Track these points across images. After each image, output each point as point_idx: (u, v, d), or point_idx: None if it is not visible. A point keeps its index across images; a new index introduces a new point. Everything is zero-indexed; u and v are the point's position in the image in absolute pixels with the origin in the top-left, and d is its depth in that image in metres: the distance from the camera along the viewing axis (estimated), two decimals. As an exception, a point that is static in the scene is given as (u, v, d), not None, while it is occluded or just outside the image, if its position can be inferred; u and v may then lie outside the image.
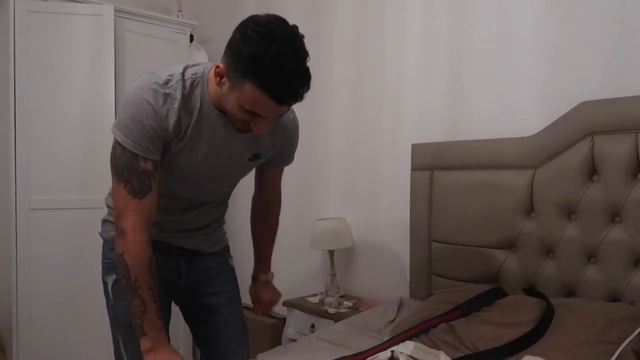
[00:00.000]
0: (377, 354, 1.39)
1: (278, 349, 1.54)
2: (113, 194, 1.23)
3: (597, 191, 1.62)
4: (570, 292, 1.68)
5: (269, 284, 1.61)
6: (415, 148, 2.14)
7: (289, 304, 2.40)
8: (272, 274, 1.63)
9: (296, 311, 2.38)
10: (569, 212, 1.69)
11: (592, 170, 1.64)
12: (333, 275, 2.40)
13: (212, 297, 1.51)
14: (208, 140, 1.25)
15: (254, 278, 1.62)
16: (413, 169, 2.14)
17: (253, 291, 1.61)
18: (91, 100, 2.55)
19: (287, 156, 1.49)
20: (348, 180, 2.54)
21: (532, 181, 1.77)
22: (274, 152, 1.42)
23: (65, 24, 2.49)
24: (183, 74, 1.21)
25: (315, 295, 2.47)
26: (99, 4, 2.60)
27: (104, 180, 2.49)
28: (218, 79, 1.15)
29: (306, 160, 2.72)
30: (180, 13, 3.16)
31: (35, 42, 2.44)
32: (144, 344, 1.19)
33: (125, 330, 1.33)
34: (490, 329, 1.43)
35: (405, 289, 2.20)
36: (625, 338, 1.28)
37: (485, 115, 2.02)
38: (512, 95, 1.93)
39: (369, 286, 2.44)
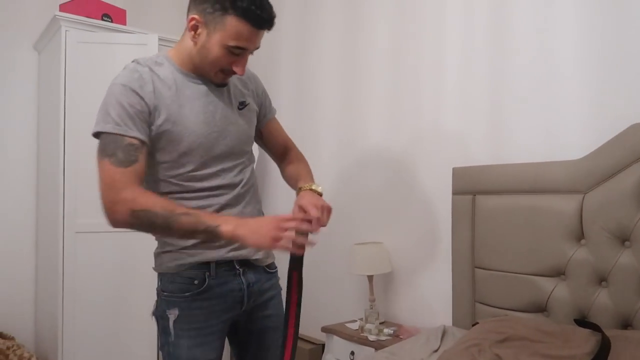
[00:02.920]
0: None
1: (319, 377, 1.51)
2: (98, 176, 1.20)
3: (653, 217, 1.54)
4: (626, 324, 1.59)
5: (308, 191, 1.34)
6: (456, 172, 2.11)
7: (327, 330, 2.37)
8: (318, 186, 1.37)
9: (335, 337, 2.34)
10: (623, 238, 1.61)
11: (646, 195, 1.57)
12: (372, 301, 2.36)
13: (265, 321, 1.47)
14: (194, 103, 1.28)
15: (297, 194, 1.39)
16: (454, 193, 2.10)
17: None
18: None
19: (268, 104, 1.54)
20: (387, 205, 2.51)
21: (581, 206, 1.70)
22: (257, 100, 1.48)
23: (113, 54, 2.59)
24: (137, 61, 1.29)
25: (354, 321, 2.43)
26: (145, 33, 2.70)
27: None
28: (193, 32, 1.24)
29: (345, 184, 2.72)
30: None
31: (85, 72, 2.55)
32: (225, 232, 1.14)
33: None
34: (542, 362, 1.36)
35: (448, 316, 2.13)
36: (691, 375, 1.20)
37: (529, 138, 1.96)
38: (557, 116, 1.88)
39: (409, 313, 2.39)
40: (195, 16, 1.22)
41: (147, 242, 2.55)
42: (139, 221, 1.16)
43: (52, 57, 2.65)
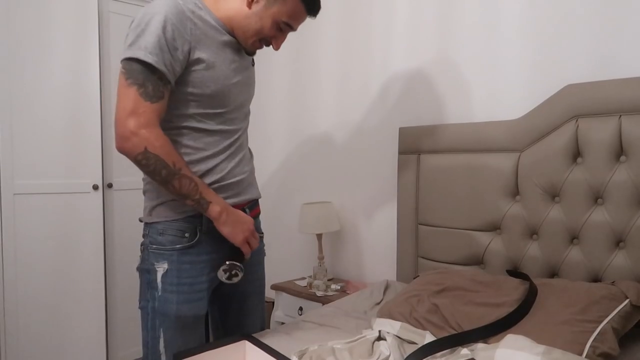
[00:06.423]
0: (365, 333, 1.42)
1: (266, 331, 1.55)
2: (120, 96, 1.18)
3: (580, 173, 1.64)
4: (553, 273, 1.71)
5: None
6: (402, 131, 2.15)
7: (277, 287, 2.41)
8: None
9: (284, 294, 2.39)
10: (553, 194, 1.71)
11: (576, 153, 1.66)
12: (321, 258, 2.41)
13: (248, 285, 1.47)
14: (227, 54, 1.31)
15: None
16: (400, 152, 2.15)
17: None
18: (75, 83, 2.51)
19: None
20: (335, 164, 2.55)
21: (517, 164, 1.79)
22: None
23: (48, 4, 2.44)
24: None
25: (303, 278, 2.49)
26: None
27: (90, 163, 2.52)
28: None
29: (293, 145, 2.72)
30: (165, -5, 3.11)
31: (16, 23, 2.39)
32: (213, 210, 1.25)
33: (171, 325, 1.28)
34: (475, 309, 1.45)
35: (393, 271, 2.22)
36: (606, 316, 1.31)
37: (471, 99, 2.03)
38: (498, 78, 1.94)
39: (356, 269, 2.46)
40: None
41: (91, 203, 2.51)
42: (147, 162, 1.18)
43: (-20, 7, 2.47)
